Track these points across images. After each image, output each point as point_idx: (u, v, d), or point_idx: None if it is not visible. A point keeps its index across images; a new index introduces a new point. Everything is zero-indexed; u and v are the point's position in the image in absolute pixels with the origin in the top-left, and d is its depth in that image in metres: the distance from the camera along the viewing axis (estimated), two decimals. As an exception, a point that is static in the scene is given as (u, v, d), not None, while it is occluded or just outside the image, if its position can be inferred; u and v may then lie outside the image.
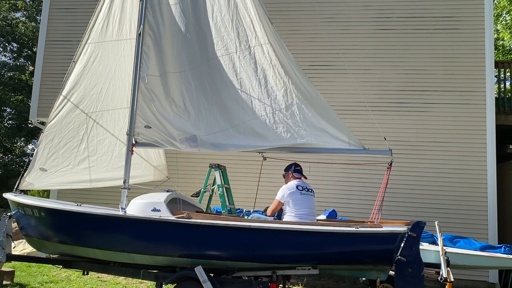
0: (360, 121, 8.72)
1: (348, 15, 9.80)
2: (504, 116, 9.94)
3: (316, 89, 5.86)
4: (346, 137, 5.54)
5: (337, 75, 9.35)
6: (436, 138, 9.15)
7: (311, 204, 5.70)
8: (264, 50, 5.85)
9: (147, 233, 5.38)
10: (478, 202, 8.78)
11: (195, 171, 9.03)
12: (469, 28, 9.36)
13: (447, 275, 5.48)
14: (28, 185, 6.79)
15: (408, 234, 4.87)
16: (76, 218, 5.67)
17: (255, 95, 5.79)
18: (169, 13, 6.09)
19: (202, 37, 6.05)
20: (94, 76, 6.76)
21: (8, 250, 6.30)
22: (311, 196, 5.76)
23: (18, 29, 23.25)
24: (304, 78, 5.82)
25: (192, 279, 5.20)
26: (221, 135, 5.83)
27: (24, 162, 20.56)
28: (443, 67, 9.35)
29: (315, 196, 5.85)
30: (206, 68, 5.97)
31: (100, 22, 6.63)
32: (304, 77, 5.83)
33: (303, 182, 5.88)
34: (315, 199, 5.84)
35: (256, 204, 6.73)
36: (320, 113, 5.64)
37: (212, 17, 6.05)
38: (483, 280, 8.53)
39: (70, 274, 7.94)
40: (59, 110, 6.72)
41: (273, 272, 5.19)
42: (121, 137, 6.88)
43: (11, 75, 22.61)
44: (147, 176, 7.44)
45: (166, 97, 5.96)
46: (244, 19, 5.95)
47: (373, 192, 6.19)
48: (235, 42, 5.94)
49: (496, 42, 17.97)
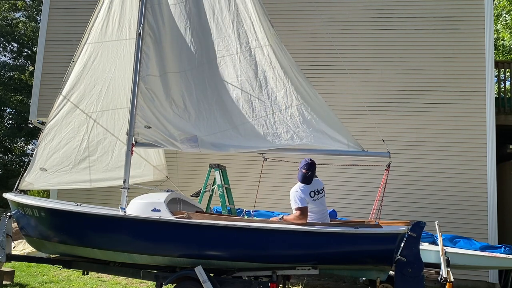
0: (360, 121, 8.72)
1: (348, 15, 9.80)
2: (504, 116, 9.94)
3: (315, 91, 5.86)
4: (345, 139, 5.55)
5: (337, 75, 9.34)
6: (436, 138, 9.15)
7: (321, 207, 5.50)
8: (264, 52, 5.86)
9: (147, 233, 5.39)
10: (478, 202, 8.78)
11: (195, 171, 9.03)
12: (469, 28, 9.36)
13: (447, 275, 5.49)
14: (28, 185, 6.79)
15: (408, 234, 4.87)
16: (76, 218, 5.67)
17: (255, 96, 5.80)
18: (169, 13, 6.10)
19: (203, 38, 6.06)
20: (94, 76, 6.77)
21: (8, 250, 6.30)
22: (322, 198, 5.54)
23: (18, 29, 23.25)
24: (303, 80, 5.83)
25: (192, 279, 5.20)
26: (221, 136, 5.83)
27: (24, 162, 20.56)
28: (443, 67, 9.35)
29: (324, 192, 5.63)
30: (207, 69, 5.99)
31: (100, 22, 6.63)
32: (303, 78, 5.85)
33: (315, 181, 5.54)
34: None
35: (256, 204, 6.74)
36: (319, 115, 5.66)
37: (213, 18, 6.05)
38: (483, 280, 8.53)
39: (70, 274, 7.94)
40: (59, 110, 6.73)
41: (273, 272, 5.19)
42: (121, 137, 6.88)
43: (11, 75, 22.61)
44: (146, 176, 7.44)
45: (166, 97, 5.96)
46: (245, 20, 5.96)
47: (372, 192, 6.19)
48: (236, 43, 5.95)
49: (496, 42, 17.97)
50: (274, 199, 8.75)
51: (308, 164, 5.38)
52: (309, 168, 5.35)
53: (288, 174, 8.55)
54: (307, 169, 5.34)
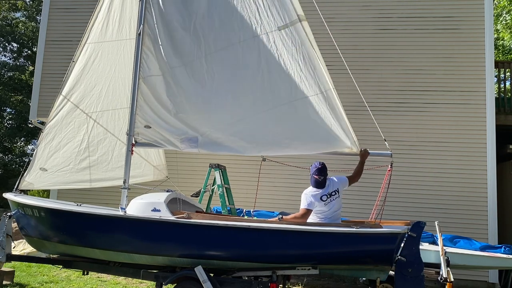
0: (360, 121, 8.71)
1: (348, 15, 9.81)
2: (504, 116, 9.94)
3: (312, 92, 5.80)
4: (348, 140, 5.54)
5: (337, 75, 9.30)
6: (436, 138, 9.15)
7: (333, 208, 5.45)
8: (270, 39, 5.65)
9: (147, 233, 5.38)
10: (478, 202, 8.78)
11: (195, 171, 9.04)
12: (469, 28, 9.36)
13: (447, 275, 5.48)
14: (28, 185, 6.79)
15: (408, 234, 4.87)
16: (76, 218, 5.67)
17: (257, 96, 5.76)
18: (169, 12, 6.04)
19: (203, 37, 6.00)
20: (94, 76, 6.77)
21: (8, 250, 6.30)
22: (335, 199, 5.46)
23: (18, 29, 23.25)
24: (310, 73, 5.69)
25: (192, 279, 5.20)
26: (221, 136, 5.83)
27: (24, 162, 20.55)
28: (443, 67, 9.35)
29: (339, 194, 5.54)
30: (206, 66, 5.91)
31: (100, 22, 6.63)
32: (308, 72, 5.71)
33: (330, 181, 5.47)
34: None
35: (256, 204, 6.74)
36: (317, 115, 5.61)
37: (214, 17, 6.00)
38: (483, 280, 8.53)
39: (70, 274, 7.94)
40: (59, 110, 6.73)
41: (273, 272, 5.19)
42: (121, 137, 6.89)
43: (11, 75, 22.61)
44: (146, 176, 7.44)
45: (166, 97, 5.95)
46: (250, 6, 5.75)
47: (373, 192, 6.19)
48: (239, 35, 5.74)
49: (496, 42, 17.97)
50: (274, 199, 8.76)
51: (319, 169, 5.35)
52: (320, 173, 5.34)
53: (288, 174, 8.58)
54: (318, 174, 5.33)
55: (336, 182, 5.50)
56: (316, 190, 5.35)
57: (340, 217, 5.58)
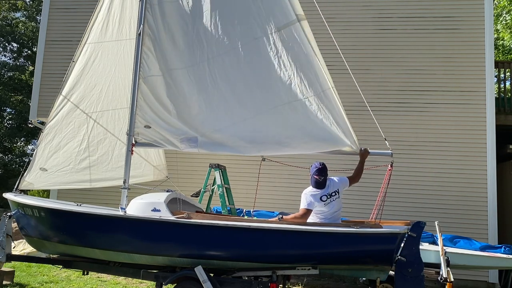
0: (360, 121, 8.71)
1: (348, 15, 9.81)
2: (504, 116, 9.94)
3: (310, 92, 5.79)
4: (348, 139, 5.54)
5: (337, 75, 9.30)
6: (436, 138, 9.15)
7: (333, 209, 5.44)
8: (270, 40, 5.64)
9: (147, 233, 5.38)
10: (478, 202, 8.78)
11: (195, 171, 9.04)
12: (469, 28, 9.36)
13: (447, 275, 5.48)
14: (28, 185, 6.79)
15: (408, 234, 4.86)
16: (76, 218, 5.67)
17: (257, 96, 5.75)
18: (169, 12, 6.02)
19: (203, 37, 5.99)
20: (94, 76, 6.77)
21: (8, 250, 6.30)
22: (335, 200, 5.46)
23: (18, 29, 23.24)
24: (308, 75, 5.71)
25: (192, 279, 5.20)
26: (221, 136, 5.83)
27: (24, 162, 20.56)
28: (443, 67, 9.35)
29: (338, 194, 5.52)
30: (207, 68, 5.92)
31: (100, 22, 6.63)
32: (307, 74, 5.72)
33: (330, 182, 5.46)
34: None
35: (256, 204, 6.73)
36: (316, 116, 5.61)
37: (215, 16, 5.96)
38: (483, 280, 8.54)
39: (70, 274, 7.94)
40: (59, 110, 6.73)
41: (273, 272, 5.19)
42: (121, 137, 6.88)
43: (11, 75, 22.61)
44: (146, 176, 7.44)
45: (166, 97, 5.95)
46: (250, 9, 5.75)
47: (373, 192, 6.19)
48: (241, 36, 5.75)
49: (496, 42, 17.96)
50: (274, 199, 8.76)
51: (319, 169, 5.34)
52: (320, 173, 5.32)
53: (288, 174, 8.59)
54: (319, 175, 5.32)
55: (337, 183, 5.49)
56: (316, 190, 5.35)
57: (340, 218, 5.58)
